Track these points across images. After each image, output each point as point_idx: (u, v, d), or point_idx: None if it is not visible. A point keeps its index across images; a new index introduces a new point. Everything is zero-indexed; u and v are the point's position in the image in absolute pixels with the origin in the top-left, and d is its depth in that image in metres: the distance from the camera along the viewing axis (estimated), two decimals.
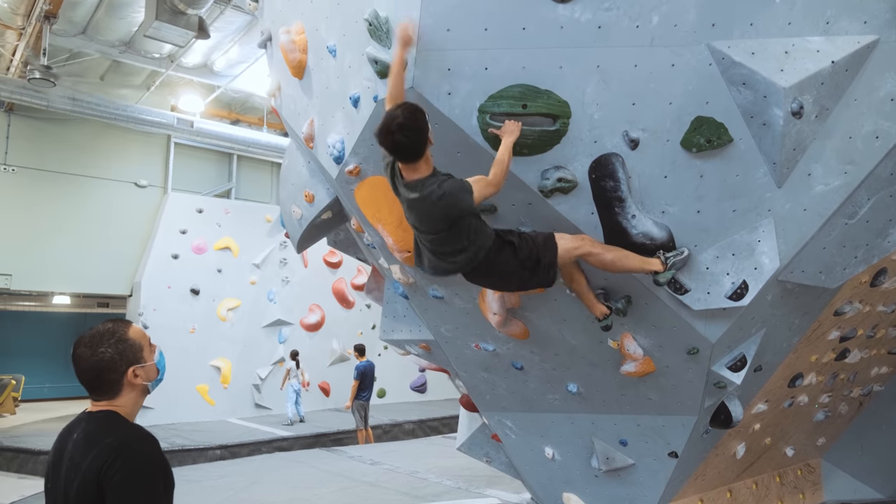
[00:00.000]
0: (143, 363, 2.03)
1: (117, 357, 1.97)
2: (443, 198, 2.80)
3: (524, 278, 3.11)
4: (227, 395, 13.50)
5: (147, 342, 2.08)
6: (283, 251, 14.51)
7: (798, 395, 4.66)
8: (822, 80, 2.92)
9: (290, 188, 4.96)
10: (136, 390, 2.03)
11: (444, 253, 3.01)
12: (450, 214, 2.84)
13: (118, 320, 2.08)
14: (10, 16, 9.46)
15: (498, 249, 3.03)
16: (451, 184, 2.84)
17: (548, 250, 3.06)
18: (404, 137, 2.74)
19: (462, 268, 3.07)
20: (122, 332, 2.01)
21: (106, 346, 1.96)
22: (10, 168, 11.91)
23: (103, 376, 1.96)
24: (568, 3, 2.88)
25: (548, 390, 4.44)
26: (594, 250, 3.09)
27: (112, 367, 1.96)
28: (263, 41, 4.63)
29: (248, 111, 15.02)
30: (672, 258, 3.15)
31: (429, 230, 2.97)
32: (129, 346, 2.00)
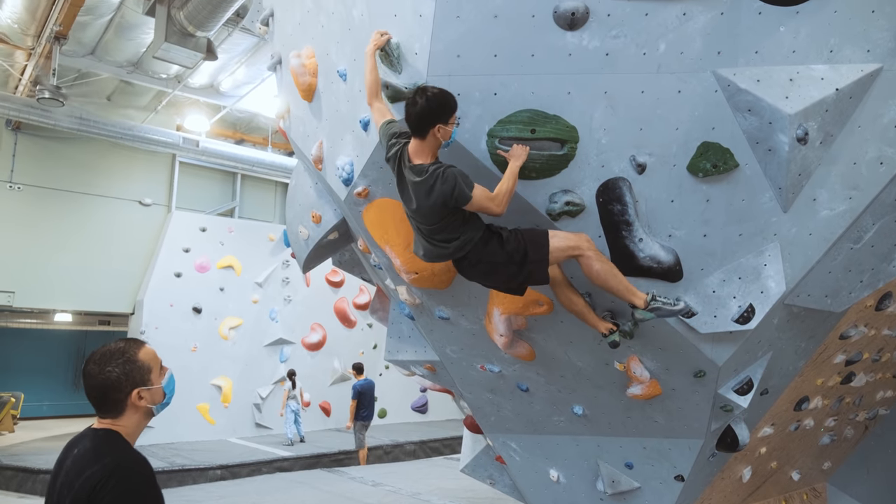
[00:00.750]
0: (150, 385, 2.02)
1: (123, 377, 1.96)
2: (446, 181, 2.84)
3: (511, 272, 3.08)
4: (227, 414, 13.43)
5: (157, 365, 2.07)
6: (285, 270, 14.53)
7: (804, 418, 4.65)
8: (826, 106, 2.97)
9: (298, 208, 5.00)
10: (140, 412, 2.03)
11: (436, 239, 3.08)
12: (446, 200, 2.87)
13: (131, 340, 2.08)
14: (20, 36, 9.58)
15: (486, 240, 3.05)
16: (453, 171, 2.89)
17: (538, 246, 3.03)
18: (427, 101, 2.84)
19: (453, 253, 3.09)
20: (131, 352, 2.01)
21: (113, 366, 1.96)
22: (16, 186, 11.99)
23: (108, 395, 1.97)
24: (576, 31, 2.94)
25: (553, 412, 4.44)
26: (589, 253, 3.04)
27: (117, 386, 1.96)
28: (273, 64, 4.69)
29: (252, 131, 15.14)
30: (661, 302, 3.09)
31: (426, 216, 3.01)
32: (136, 368, 2.00)
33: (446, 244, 3.07)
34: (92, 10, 9.20)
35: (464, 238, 3.02)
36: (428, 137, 2.93)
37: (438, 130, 2.90)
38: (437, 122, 2.89)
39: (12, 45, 10.00)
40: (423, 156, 2.97)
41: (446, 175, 2.86)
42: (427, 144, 2.97)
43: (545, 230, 3.10)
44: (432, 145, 2.98)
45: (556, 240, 3.05)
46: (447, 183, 2.84)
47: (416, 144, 2.99)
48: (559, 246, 3.04)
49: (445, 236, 3.04)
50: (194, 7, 7.81)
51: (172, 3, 8.24)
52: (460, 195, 2.85)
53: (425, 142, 2.96)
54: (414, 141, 3.00)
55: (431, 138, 2.94)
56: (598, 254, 3.07)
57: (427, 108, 2.86)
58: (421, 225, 3.10)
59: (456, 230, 3.02)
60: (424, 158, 2.97)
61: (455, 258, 3.14)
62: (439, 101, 2.87)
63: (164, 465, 9.93)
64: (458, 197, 2.86)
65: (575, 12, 2.89)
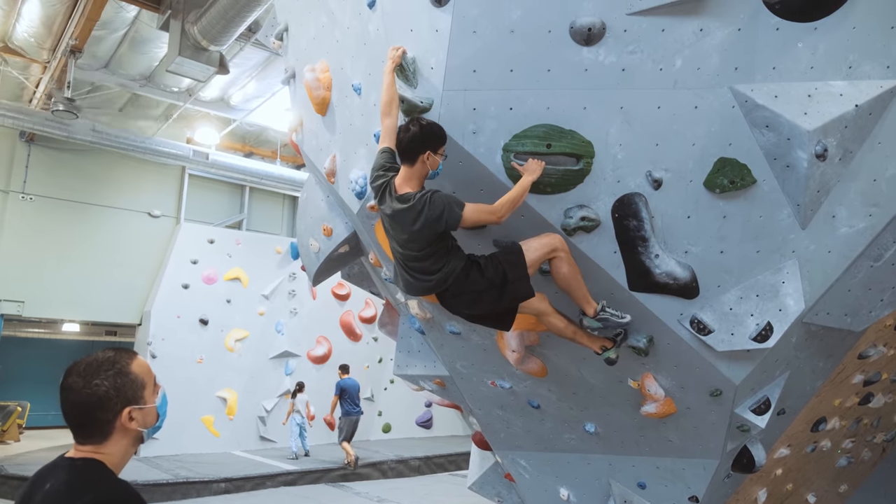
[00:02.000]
0: (143, 404, 1.67)
1: (113, 393, 1.61)
2: (434, 207, 2.89)
3: (494, 297, 3.08)
4: (232, 426, 13.36)
5: (152, 380, 1.73)
6: (291, 283, 14.52)
7: (821, 439, 4.57)
8: (845, 123, 2.94)
9: (309, 221, 4.99)
10: (129, 437, 1.66)
11: (419, 271, 3.10)
12: (434, 224, 2.91)
13: (121, 349, 1.72)
14: (36, 50, 9.68)
15: (467, 271, 3.07)
16: (441, 195, 2.94)
17: (515, 266, 3.06)
18: (420, 128, 2.93)
19: (435, 287, 3.11)
20: (123, 363, 1.66)
21: (102, 378, 1.60)
22: (28, 197, 12.06)
23: (93, 414, 1.60)
24: (593, 47, 2.93)
25: (564, 430, 4.38)
26: (562, 255, 3.10)
27: (105, 404, 1.60)
28: (287, 78, 4.71)
29: (261, 144, 15.21)
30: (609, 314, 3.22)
31: (411, 242, 3.03)
32: (129, 382, 1.64)
33: (428, 276, 3.08)
34: (107, 25, 9.29)
35: (446, 270, 3.04)
36: (417, 164, 3.00)
37: (427, 158, 2.97)
38: (426, 148, 2.95)
39: (28, 59, 10.09)
40: (410, 185, 3.03)
41: (434, 200, 2.91)
42: (415, 172, 3.02)
43: (518, 247, 3.11)
44: (420, 174, 3.03)
45: (530, 253, 3.08)
46: (435, 207, 2.89)
47: (404, 173, 3.05)
48: (535, 257, 3.09)
49: (429, 266, 3.05)
50: (208, 22, 7.88)
51: (186, 18, 8.32)
52: (450, 217, 2.90)
53: (413, 169, 3.01)
54: (403, 170, 3.06)
55: (420, 165, 3.00)
56: (569, 256, 3.14)
57: (419, 133, 2.94)
58: (407, 253, 3.10)
59: (440, 260, 3.04)
60: (412, 187, 3.02)
61: (437, 291, 3.15)
62: (431, 128, 2.96)
63: (168, 478, 9.87)
64: (448, 219, 2.91)
65: (591, 28, 2.89)
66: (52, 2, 8.31)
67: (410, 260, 3.11)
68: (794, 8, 2.89)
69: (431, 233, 2.96)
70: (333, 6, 3.83)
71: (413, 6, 3.12)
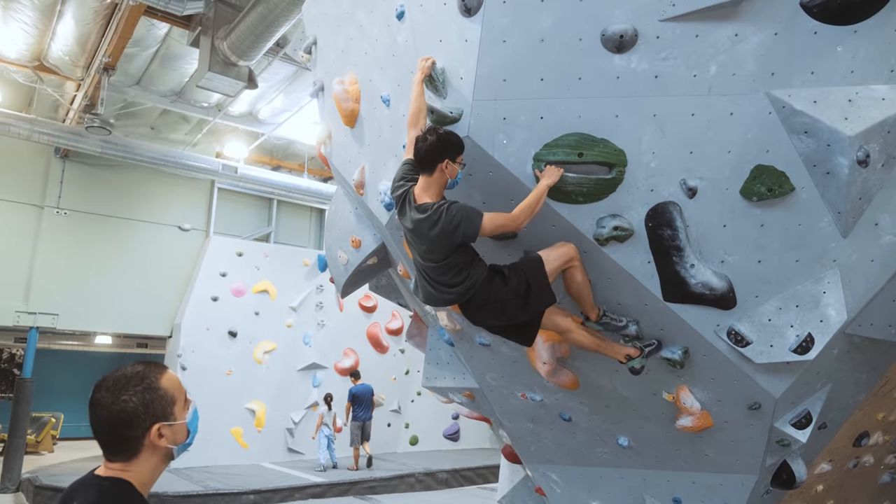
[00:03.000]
0: (173, 421, 1.62)
1: (142, 409, 1.57)
2: (452, 217, 2.89)
3: (518, 306, 3.08)
4: (260, 438, 13.44)
5: (183, 395, 1.68)
6: (319, 295, 14.60)
7: (863, 455, 4.42)
8: (888, 128, 2.86)
9: (337, 233, 5.01)
10: (158, 454, 1.62)
11: (441, 283, 3.09)
12: (451, 236, 2.91)
13: (151, 363, 1.68)
14: (70, 68, 9.94)
15: (490, 281, 3.07)
16: (459, 206, 2.94)
17: (537, 274, 3.07)
18: (437, 137, 2.95)
19: (457, 299, 3.11)
20: (152, 378, 1.62)
21: (131, 394, 1.57)
22: (63, 211, 12.35)
23: (121, 431, 1.57)
24: (624, 54, 2.89)
25: (597, 443, 4.30)
26: (577, 264, 3.16)
27: (134, 421, 1.56)
28: (316, 91, 4.75)
29: (289, 157, 15.40)
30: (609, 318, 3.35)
31: (431, 253, 3.03)
32: (158, 398, 1.60)
33: (450, 289, 3.07)
34: (139, 43, 9.52)
35: (468, 283, 3.03)
36: (435, 174, 3.00)
37: (446, 166, 2.98)
38: (444, 157, 2.96)
39: (63, 77, 10.38)
40: (429, 194, 3.03)
41: (451, 210, 2.91)
42: (434, 182, 3.03)
43: (538, 257, 3.11)
44: (439, 183, 3.04)
45: (550, 263, 3.10)
46: (452, 218, 2.89)
47: (423, 182, 3.06)
48: (554, 267, 3.11)
49: (450, 279, 3.04)
50: (237, 38, 8.01)
51: (216, 34, 8.47)
52: (468, 227, 2.90)
53: (432, 178, 3.02)
54: (421, 179, 3.07)
55: (439, 174, 3.01)
56: (582, 265, 3.20)
57: (437, 142, 2.95)
58: (427, 265, 3.10)
59: (461, 272, 3.03)
60: (430, 197, 3.03)
61: (458, 302, 3.14)
62: (449, 137, 2.98)
63: (198, 489, 9.94)
64: (465, 231, 2.90)
65: (623, 35, 2.86)
66: (86, 21, 8.53)
67: (432, 271, 3.10)
68: (832, 11, 2.81)
69: (449, 244, 2.95)
70: (362, 18, 3.85)
71: (442, 17, 3.12)
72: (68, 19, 8.60)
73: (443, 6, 3.11)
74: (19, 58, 9.73)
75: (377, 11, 3.67)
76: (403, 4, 3.37)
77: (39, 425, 14.79)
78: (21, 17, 8.67)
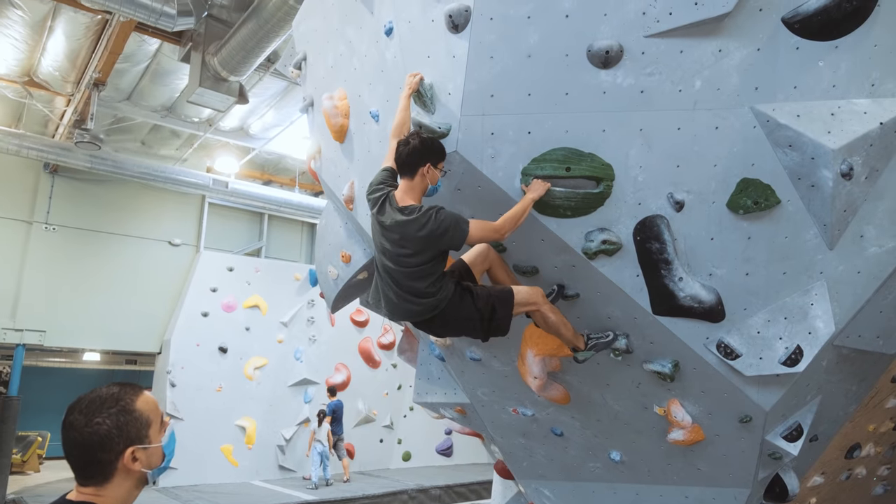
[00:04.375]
0: (147, 444, 1.57)
1: (115, 432, 1.52)
2: (441, 222, 2.88)
3: (477, 328, 3.11)
4: (251, 455, 13.29)
5: (158, 417, 1.63)
6: (310, 310, 14.53)
7: (856, 467, 4.42)
8: (870, 141, 2.89)
9: (327, 248, 5.00)
10: (132, 478, 1.56)
11: (410, 292, 3.02)
12: (438, 240, 2.90)
13: (127, 384, 1.64)
14: (60, 83, 9.92)
15: (460, 296, 3.06)
16: (447, 212, 2.94)
17: (505, 304, 3.09)
18: (418, 141, 2.97)
19: (424, 312, 3.06)
20: (127, 400, 1.57)
21: (104, 416, 1.52)
22: (51, 227, 12.26)
23: (93, 455, 1.51)
24: (610, 69, 2.92)
25: (589, 458, 4.28)
26: (544, 308, 3.18)
27: (106, 444, 1.51)
28: (305, 106, 4.76)
29: (280, 172, 15.39)
30: (595, 340, 3.35)
31: (410, 256, 2.96)
32: (133, 420, 1.55)
33: (420, 299, 3.02)
34: (130, 58, 9.52)
35: (439, 296, 3.02)
36: (416, 178, 3.02)
37: (427, 171, 3.00)
38: (426, 161, 2.99)
39: (53, 92, 10.35)
40: (410, 198, 3.04)
41: (440, 215, 2.91)
42: (415, 186, 3.04)
43: (510, 289, 3.14)
44: (420, 187, 3.05)
45: (518, 297, 3.12)
46: (441, 223, 2.88)
47: (404, 186, 3.07)
48: (522, 301, 3.13)
49: (423, 288, 2.99)
50: (228, 53, 8.03)
51: (207, 50, 8.49)
52: (456, 234, 2.90)
53: (413, 183, 3.03)
54: (402, 183, 3.08)
55: (420, 179, 3.02)
56: (551, 307, 3.22)
57: (420, 146, 2.97)
58: (400, 269, 3.01)
59: (436, 283, 3.01)
60: (413, 199, 3.04)
61: (423, 318, 3.10)
62: (432, 142, 3.00)
63: None
64: (454, 236, 2.90)
65: (609, 51, 2.88)
66: (77, 36, 8.53)
67: (405, 277, 3.01)
68: (813, 27, 2.86)
69: (433, 248, 2.93)
70: (351, 35, 3.87)
71: (430, 33, 3.14)
72: (59, 35, 8.60)
73: (430, 23, 3.13)
74: (9, 73, 9.71)
75: (366, 28, 3.69)
76: (392, 21, 3.39)
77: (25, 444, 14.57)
78: (11, 33, 8.66)
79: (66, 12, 8.14)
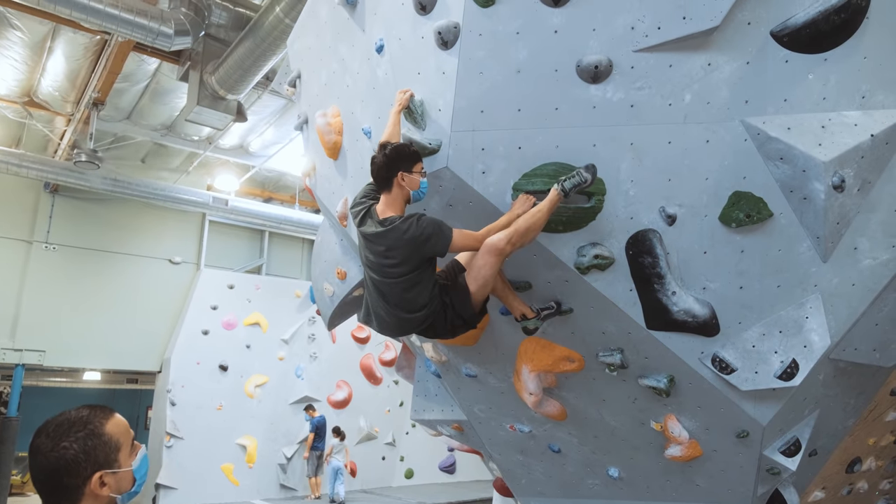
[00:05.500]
0: (116, 468, 1.52)
1: (82, 456, 1.48)
2: (423, 229, 2.86)
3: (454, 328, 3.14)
4: (252, 474, 13.19)
5: (128, 441, 1.59)
6: (311, 326, 14.48)
7: (857, 481, 4.37)
8: (862, 153, 2.88)
9: (323, 265, 4.99)
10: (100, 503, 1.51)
11: (401, 306, 3.00)
12: (424, 247, 2.88)
13: (97, 407, 1.60)
14: (60, 103, 9.99)
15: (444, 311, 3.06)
16: (429, 218, 2.93)
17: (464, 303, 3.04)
18: (381, 155, 2.96)
19: (418, 325, 3.07)
20: (96, 423, 1.53)
21: (71, 440, 1.48)
22: (51, 246, 12.28)
23: (60, 480, 1.47)
24: (600, 84, 2.93)
25: (587, 475, 4.23)
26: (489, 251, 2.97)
27: (73, 468, 1.47)
28: (300, 124, 4.78)
29: (280, 189, 15.43)
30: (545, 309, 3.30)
31: (395, 266, 2.94)
32: (101, 444, 1.51)
33: (410, 314, 3.01)
34: (129, 78, 9.59)
35: (429, 310, 3.01)
36: (394, 189, 3.01)
37: (403, 179, 2.97)
38: (398, 169, 2.96)
39: (53, 112, 10.42)
40: (391, 210, 3.04)
41: (422, 221, 2.89)
42: (394, 198, 3.03)
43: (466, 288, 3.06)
44: (401, 198, 3.04)
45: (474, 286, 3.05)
46: (423, 229, 2.86)
47: (384, 200, 3.07)
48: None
49: (414, 297, 2.97)
50: (225, 72, 8.09)
51: (205, 69, 8.55)
52: (439, 240, 2.88)
53: (392, 195, 3.03)
54: (383, 197, 3.07)
55: (397, 189, 3.01)
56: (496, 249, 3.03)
57: (386, 158, 2.96)
58: (388, 281, 2.99)
59: (423, 293, 2.98)
60: (394, 211, 3.03)
61: (417, 330, 3.11)
62: (396, 150, 2.98)
63: None
64: (436, 242, 2.88)
65: (598, 66, 2.89)
66: (76, 57, 8.60)
67: (394, 288, 2.99)
68: (802, 40, 2.86)
69: (418, 256, 2.90)
70: (344, 52, 3.89)
71: (420, 50, 3.16)
72: (58, 55, 8.67)
73: (420, 40, 3.15)
74: (9, 94, 9.78)
75: (358, 45, 3.70)
76: (382, 38, 3.41)
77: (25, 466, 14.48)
78: (11, 54, 8.74)
79: (65, 33, 8.22)
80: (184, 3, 7.78)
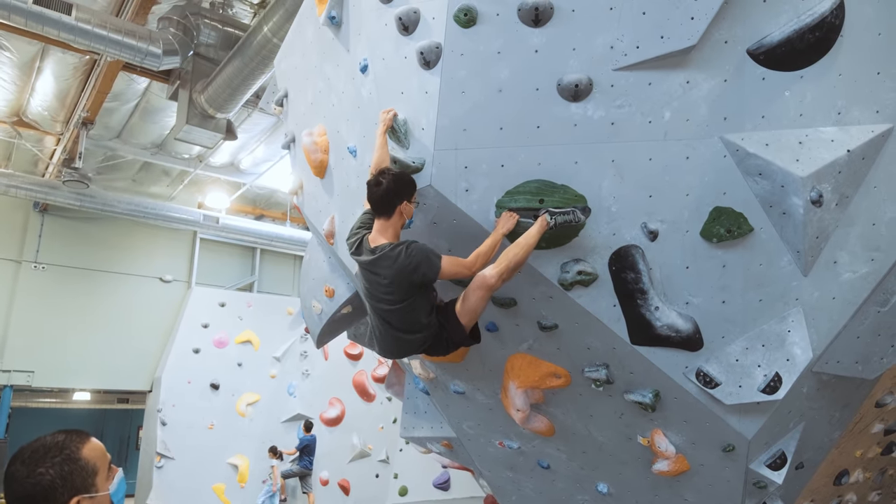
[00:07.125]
0: (94, 493, 1.52)
1: (59, 482, 1.48)
2: (412, 257, 2.89)
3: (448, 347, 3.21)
4: (243, 494, 13.05)
5: (105, 464, 1.59)
6: (303, 344, 14.41)
7: (845, 493, 4.37)
8: (839, 168, 2.92)
9: (311, 283, 4.99)
10: None
11: (404, 329, 3.07)
12: (410, 274, 2.91)
13: (73, 431, 1.59)
14: (50, 122, 10.01)
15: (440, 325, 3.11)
16: (419, 245, 2.96)
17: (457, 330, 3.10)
18: (392, 181, 2.97)
19: (419, 347, 3.13)
20: (72, 448, 1.53)
21: (48, 466, 1.48)
22: (41, 266, 12.23)
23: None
24: (581, 102, 2.96)
25: (577, 490, 4.22)
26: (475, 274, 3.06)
27: (50, 494, 1.47)
28: (287, 142, 4.80)
29: (271, 206, 15.44)
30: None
31: (390, 294, 3.00)
32: (78, 469, 1.51)
33: (411, 335, 3.08)
34: (119, 97, 9.62)
35: (427, 332, 3.07)
36: (393, 217, 3.04)
37: (404, 208, 3.03)
38: (403, 197, 3.01)
39: (42, 131, 10.43)
40: (386, 237, 3.06)
41: (411, 249, 2.92)
42: (391, 224, 3.06)
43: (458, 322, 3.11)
44: (396, 225, 3.08)
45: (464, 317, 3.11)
46: (412, 257, 2.90)
47: (379, 226, 3.09)
48: (469, 317, 3.10)
49: (415, 318, 3.03)
50: (214, 91, 8.12)
51: (194, 88, 8.58)
52: (428, 268, 2.91)
53: (390, 221, 3.06)
54: (378, 223, 3.10)
55: (396, 217, 3.05)
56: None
57: (393, 185, 2.98)
58: (389, 308, 3.05)
59: (422, 316, 3.04)
60: (388, 239, 3.05)
61: (419, 351, 3.17)
62: (403, 179, 3.01)
63: None
64: (426, 271, 2.91)
65: (578, 84, 2.93)
66: (65, 76, 8.63)
67: (394, 315, 3.05)
68: (778, 57, 2.91)
69: (408, 283, 2.95)
70: (329, 72, 3.93)
71: (403, 70, 3.19)
72: (47, 75, 8.70)
73: (403, 59, 3.18)
74: None
75: (343, 65, 3.74)
76: (367, 58, 3.44)
77: None
78: (0, 75, 8.75)
79: (54, 53, 8.25)
80: (172, 24, 7.83)
